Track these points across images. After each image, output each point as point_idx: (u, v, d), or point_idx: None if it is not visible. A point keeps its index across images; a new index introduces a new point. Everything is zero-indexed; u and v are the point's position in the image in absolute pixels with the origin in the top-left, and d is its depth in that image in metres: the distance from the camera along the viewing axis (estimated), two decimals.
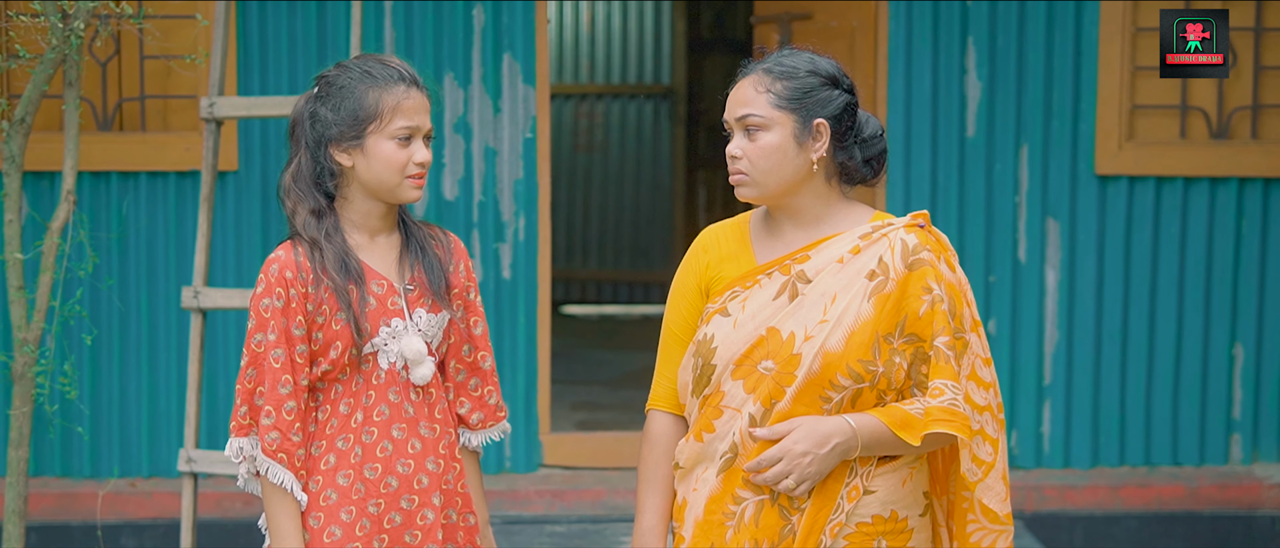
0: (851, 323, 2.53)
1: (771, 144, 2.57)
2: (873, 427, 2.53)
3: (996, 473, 2.58)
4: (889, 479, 2.59)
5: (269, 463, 2.66)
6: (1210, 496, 5.35)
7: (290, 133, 2.77)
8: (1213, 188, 5.43)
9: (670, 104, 10.38)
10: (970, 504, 2.59)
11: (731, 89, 2.66)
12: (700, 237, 2.77)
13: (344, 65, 2.74)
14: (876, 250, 2.58)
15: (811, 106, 2.57)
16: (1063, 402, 5.48)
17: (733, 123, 2.63)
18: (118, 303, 5.26)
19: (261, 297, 2.67)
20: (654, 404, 2.76)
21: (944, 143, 5.40)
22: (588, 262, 10.65)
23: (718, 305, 2.64)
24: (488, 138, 5.37)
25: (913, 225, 2.62)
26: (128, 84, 5.29)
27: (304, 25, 5.27)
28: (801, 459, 2.52)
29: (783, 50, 2.66)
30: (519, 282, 5.41)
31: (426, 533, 2.76)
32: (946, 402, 2.51)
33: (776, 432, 2.55)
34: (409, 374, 2.76)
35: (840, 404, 2.56)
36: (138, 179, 5.27)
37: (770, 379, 2.56)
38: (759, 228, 2.71)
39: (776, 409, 2.56)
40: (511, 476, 5.43)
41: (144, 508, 5.21)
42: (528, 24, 5.34)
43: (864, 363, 2.53)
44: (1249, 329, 5.46)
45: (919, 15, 5.35)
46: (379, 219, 2.76)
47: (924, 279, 2.55)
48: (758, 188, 2.60)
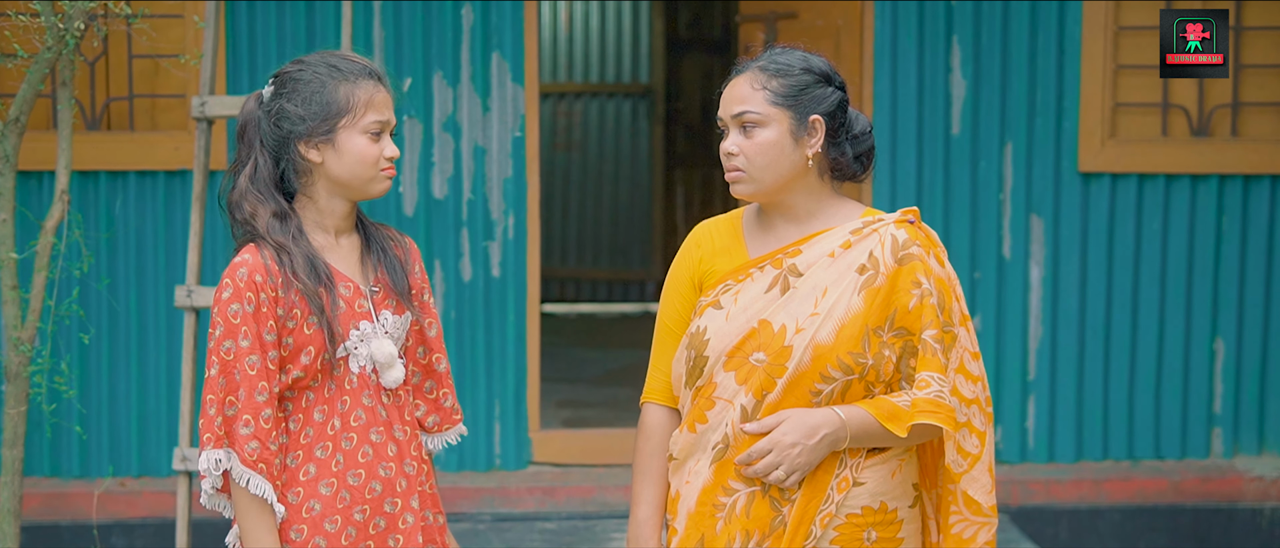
0: (842, 316, 2.56)
1: (768, 141, 2.60)
2: (861, 418, 2.56)
3: (982, 465, 2.61)
4: (878, 471, 2.62)
5: (249, 474, 2.56)
6: (1192, 489, 5.40)
7: (240, 135, 2.67)
8: (1194, 185, 5.47)
9: (648, 103, 10.36)
10: (954, 496, 2.62)
11: (725, 87, 2.68)
12: (693, 232, 2.78)
13: (303, 61, 2.66)
14: (867, 245, 2.61)
15: (807, 103, 2.60)
16: (1047, 397, 5.52)
17: (728, 120, 2.65)
18: (108, 302, 5.25)
19: (229, 302, 2.57)
20: (648, 397, 2.77)
21: (929, 141, 5.43)
22: (566, 260, 10.64)
23: (711, 298, 2.67)
24: (477, 136, 5.37)
25: (903, 221, 2.65)
26: (115, 84, 5.27)
27: (293, 24, 5.26)
28: (791, 450, 2.55)
29: (775, 48, 2.67)
30: (508, 280, 5.41)
31: (407, 536, 2.71)
32: (932, 394, 2.54)
33: (765, 425, 2.58)
34: (380, 378, 2.70)
35: (830, 396, 2.58)
36: (126, 178, 5.26)
37: (762, 371, 2.58)
38: (752, 223, 2.73)
39: (767, 400, 2.59)
40: (501, 473, 5.43)
41: (134, 508, 5.20)
42: (517, 23, 5.34)
43: (854, 355, 2.56)
44: (1229, 324, 5.51)
45: (904, 14, 5.38)
46: (342, 219, 2.70)
47: (913, 274, 2.58)
48: (754, 184, 2.62)
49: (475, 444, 5.42)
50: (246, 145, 2.66)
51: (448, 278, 5.38)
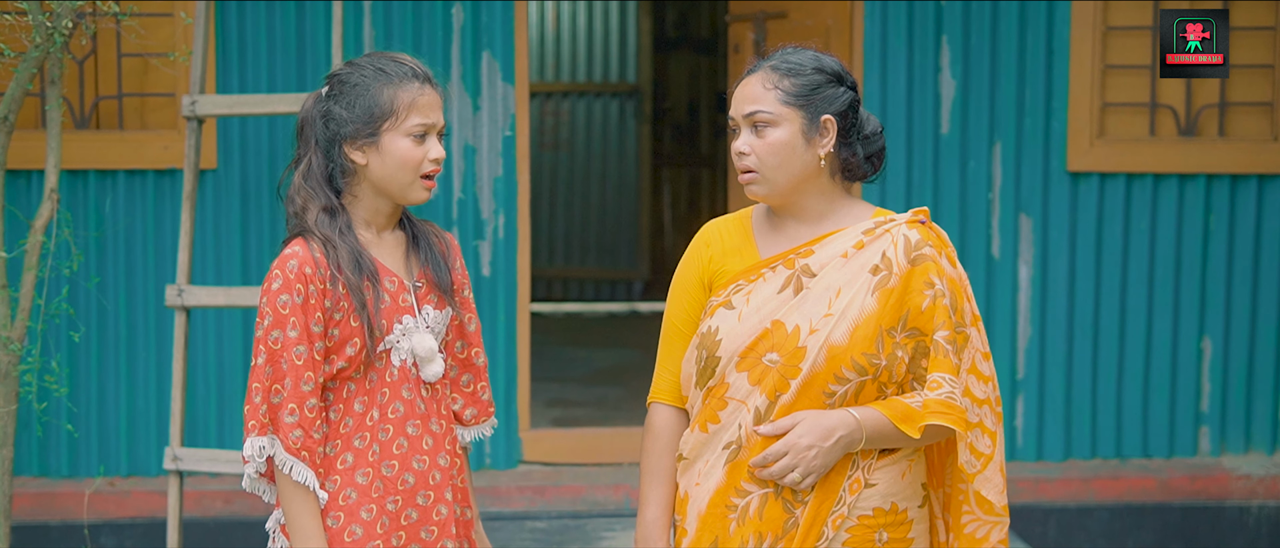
0: (856, 316, 2.56)
1: (781, 141, 2.59)
2: (875, 420, 2.56)
3: (995, 465, 2.61)
4: (889, 472, 2.62)
5: (293, 461, 2.64)
6: (1180, 487, 5.41)
7: (299, 132, 2.76)
8: (1181, 184, 5.48)
9: (636, 102, 10.35)
10: (966, 496, 2.62)
11: (736, 86, 2.67)
12: (702, 231, 2.77)
13: (355, 63, 2.74)
14: (880, 246, 2.60)
15: (819, 103, 2.60)
16: (1036, 396, 5.52)
17: (740, 120, 2.64)
18: (97, 302, 5.23)
19: (279, 293, 2.64)
20: (656, 397, 2.76)
21: (919, 140, 5.43)
22: (554, 259, 10.64)
23: (722, 299, 2.65)
24: (467, 136, 5.37)
25: (914, 221, 2.65)
26: (104, 82, 5.25)
27: (283, 23, 5.25)
28: (807, 453, 2.54)
29: (788, 48, 2.69)
30: (499, 279, 5.41)
31: (442, 528, 2.78)
32: (944, 395, 2.54)
33: (780, 427, 2.57)
34: (419, 371, 2.76)
35: (844, 398, 2.58)
36: (115, 178, 5.24)
37: (775, 372, 2.57)
38: (762, 223, 2.72)
39: (781, 402, 2.58)
40: (492, 472, 5.43)
41: (124, 507, 5.18)
42: (507, 22, 5.33)
43: (868, 356, 2.55)
44: (1217, 323, 5.51)
45: (894, 14, 5.38)
46: (386, 216, 2.77)
47: (926, 274, 2.58)
48: (767, 184, 2.62)
49: None
50: (304, 142, 2.74)
51: None
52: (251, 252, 5.30)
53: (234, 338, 5.29)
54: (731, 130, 2.68)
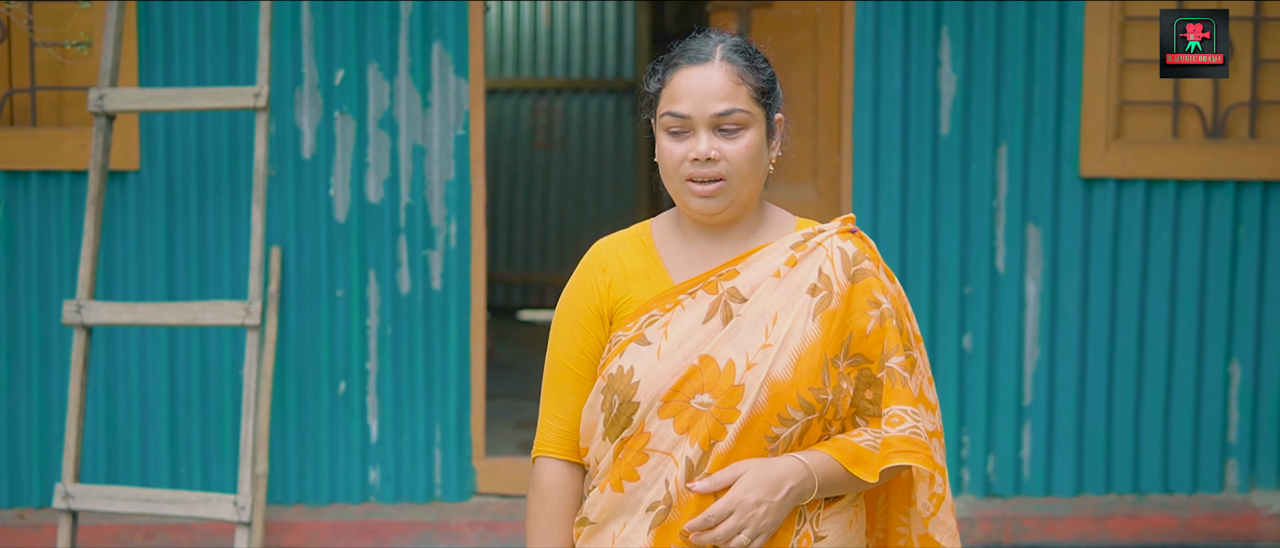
0: (798, 346, 2.32)
1: (753, 145, 2.33)
2: (826, 465, 2.33)
3: (947, 506, 2.43)
4: (837, 521, 2.39)
5: None
6: (1204, 526, 5.26)
7: None
8: (1207, 191, 5.32)
9: (632, 99, 10.25)
10: (908, 541, 2.45)
11: (678, 77, 2.33)
12: (592, 253, 2.48)
13: None
14: (814, 261, 2.37)
15: (773, 101, 2.38)
16: (1044, 424, 5.35)
17: (699, 119, 2.31)
18: (6, 316, 4.95)
19: None
20: (542, 450, 2.44)
21: (916, 142, 5.26)
22: (546, 264, 10.56)
23: (632, 332, 2.36)
24: (416, 135, 5.09)
25: (846, 231, 2.43)
26: (18, 75, 4.98)
27: (213, 13, 4.98)
28: (755, 511, 2.28)
29: (726, 35, 2.42)
30: (450, 292, 5.13)
31: None
32: (907, 431, 2.33)
33: (719, 482, 2.30)
34: None
35: (789, 441, 2.33)
36: (28, 179, 4.98)
37: (708, 416, 2.31)
38: (668, 240, 2.43)
39: (717, 451, 2.31)
40: (441, 505, 5.16)
41: (34, 542, 4.88)
42: (460, 11, 5.07)
43: (814, 391, 2.32)
44: (1246, 345, 5.36)
45: (888, 3, 5.20)
46: None
47: (869, 292, 2.37)
48: (730, 197, 2.34)
49: (414, 473, 5.09)
50: None
51: (383, 290, 5.08)
52: (177, 262, 5.02)
53: (158, 358, 4.98)
54: (672, 131, 2.33)
